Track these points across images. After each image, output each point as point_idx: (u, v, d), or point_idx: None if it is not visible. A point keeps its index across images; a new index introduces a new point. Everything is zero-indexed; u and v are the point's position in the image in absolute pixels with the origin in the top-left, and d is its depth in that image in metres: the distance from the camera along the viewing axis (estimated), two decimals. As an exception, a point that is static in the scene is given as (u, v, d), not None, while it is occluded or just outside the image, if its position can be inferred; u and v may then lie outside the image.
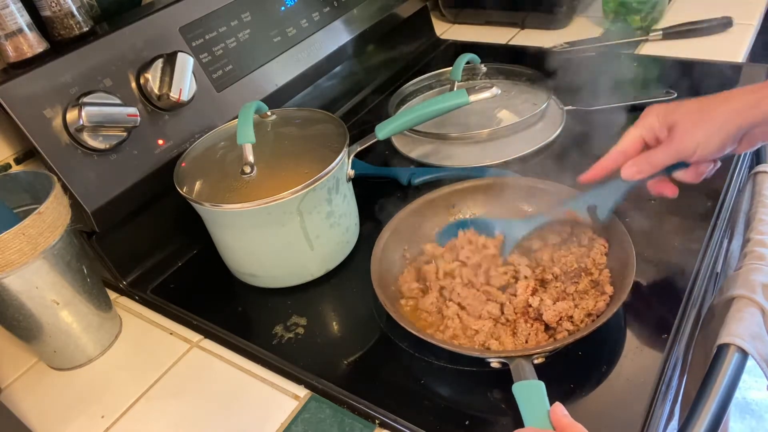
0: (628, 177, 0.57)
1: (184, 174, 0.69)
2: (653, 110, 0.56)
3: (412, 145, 0.91)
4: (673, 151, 0.54)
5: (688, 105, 0.54)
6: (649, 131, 0.56)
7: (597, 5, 1.19)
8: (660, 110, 0.55)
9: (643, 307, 0.61)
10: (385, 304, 0.59)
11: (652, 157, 0.55)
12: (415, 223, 0.71)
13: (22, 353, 0.70)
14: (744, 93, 0.52)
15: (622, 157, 0.57)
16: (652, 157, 0.55)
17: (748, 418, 1.57)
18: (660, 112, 0.55)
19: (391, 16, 1.09)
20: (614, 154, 0.58)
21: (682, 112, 0.54)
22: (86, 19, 0.72)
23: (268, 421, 0.57)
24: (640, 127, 0.56)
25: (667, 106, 0.55)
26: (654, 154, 0.55)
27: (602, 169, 0.58)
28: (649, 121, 0.55)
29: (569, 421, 0.44)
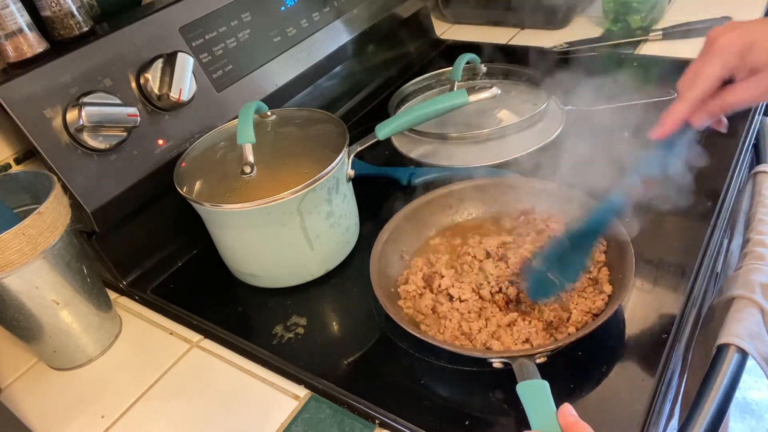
0: (699, 124, 0.51)
1: (184, 174, 0.69)
2: (730, 45, 0.48)
3: (412, 145, 0.91)
4: (756, 96, 0.48)
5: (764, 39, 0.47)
6: (728, 71, 0.49)
7: (597, 5, 1.19)
8: (738, 45, 0.48)
9: (643, 307, 0.61)
10: (385, 304, 0.59)
11: (728, 101, 0.49)
12: (414, 223, 0.71)
13: (22, 353, 0.70)
14: None
15: (699, 104, 0.50)
16: (728, 101, 0.49)
17: (748, 418, 1.57)
18: (739, 48, 0.48)
19: (391, 16, 1.09)
20: (692, 103, 0.50)
21: (764, 52, 0.47)
22: (86, 19, 0.72)
23: (268, 421, 0.57)
24: (719, 67, 0.49)
25: (743, 38, 0.48)
26: (730, 98, 0.49)
27: (680, 119, 0.51)
28: (732, 62, 0.48)
29: (577, 420, 0.44)
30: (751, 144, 0.86)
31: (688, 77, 0.51)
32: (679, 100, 0.51)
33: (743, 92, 0.49)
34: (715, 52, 0.48)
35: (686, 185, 0.58)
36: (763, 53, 0.47)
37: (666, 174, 0.55)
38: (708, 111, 0.50)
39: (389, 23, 1.08)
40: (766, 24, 0.48)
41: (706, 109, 0.50)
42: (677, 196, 0.61)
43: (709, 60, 0.49)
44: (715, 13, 1.06)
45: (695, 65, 0.50)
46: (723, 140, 0.79)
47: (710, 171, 0.74)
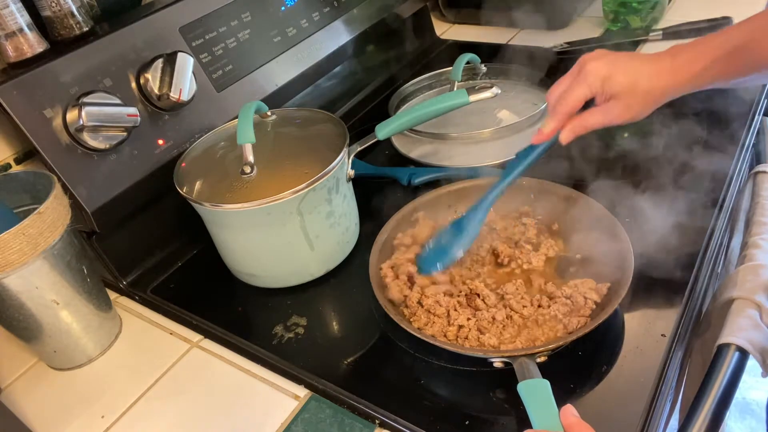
0: (565, 141, 0.60)
1: (184, 174, 0.69)
2: (597, 71, 0.57)
3: (412, 145, 0.91)
4: (608, 121, 0.58)
5: (625, 75, 0.56)
6: (592, 93, 0.58)
7: (597, 5, 1.19)
8: (603, 72, 0.57)
9: (643, 307, 0.61)
10: (385, 305, 0.59)
11: (589, 122, 0.59)
12: (410, 224, 0.71)
13: (22, 353, 0.70)
14: (673, 72, 0.56)
15: (567, 118, 0.59)
16: (589, 122, 0.59)
17: (748, 418, 1.57)
18: (603, 75, 0.57)
19: (391, 16, 1.09)
20: (563, 117, 0.59)
21: (621, 84, 0.56)
22: (86, 19, 0.72)
23: (268, 421, 0.57)
24: (586, 89, 0.57)
25: (606, 67, 0.57)
26: (590, 120, 0.59)
27: (553, 131, 0.60)
28: (595, 85, 0.57)
29: (579, 421, 0.44)
30: (751, 144, 0.86)
31: (556, 92, 0.60)
32: (552, 115, 0.60)
33: (599, 116, 0.58)
34: (584, 76, 0.57)
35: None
36: (617, 85, 0.56)
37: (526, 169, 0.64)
38: (572, 128, 0.59)
39: (389, 23, 1.08)
40: (628, 59, 0.57)
41: (572, 127, 0.59)
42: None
43: (578, 84, 0.58)
44: (715, 13, 1.06)
45: (565, 83, 0.60)
46: (723, 140, 0.79)
47: (710, 171, 0.74)
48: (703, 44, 0.56)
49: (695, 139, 0.80)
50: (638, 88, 0.56)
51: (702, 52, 0.55)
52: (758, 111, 0.86)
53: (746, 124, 0.81)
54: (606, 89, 0.57)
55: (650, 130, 0.83)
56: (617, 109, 0.57)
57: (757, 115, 0.86)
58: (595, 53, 0.59)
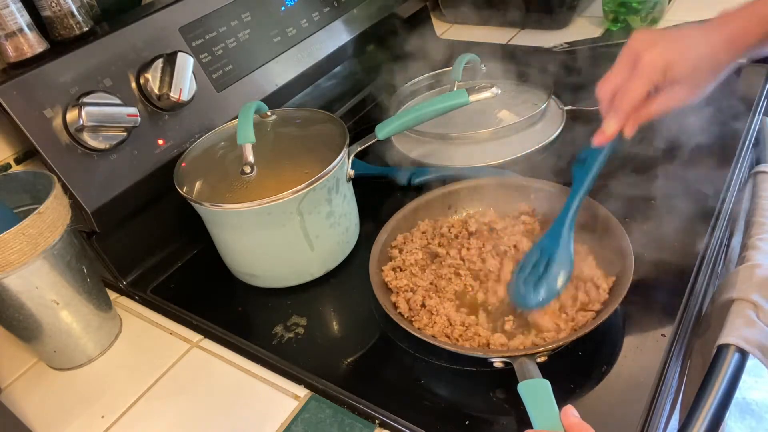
0: (631, 134, 0.58)
1: (184, 174, 0.69)
2: (655, 64, 0.54)
3: (412, 145, 0.91)
4: (674, 106, 0.56)
5: (685, 61, 0.54)
6: (653, 87, 0.55)
7: (597, 5, 1.19)
8: (661, 63, 0.54)
9: (643, 307, 0.61)
10: (385, 305, 0.59)
11: (654, 110, 0.56)
12: (410, 224, 0.71)
13: (22, 353, 0.70)
14: (723, 27, 0.55)
15: (630, 114, 0.57)
16: (654, 110, 0.56)
17: (748, 418, 1.57)
18: (663, 67, 0.54)
19: (391, 16, 1.09)
20: (624, 114, 0.57)
21: (682, 70, 0.54)
22: (86, 19, 0.72)
23: (268, 421, 0.57)
24: (648, 83, 0.55)
25: (665, 56, 0.54)
26: (653, 109, 0.56)
27: (617, 131, 0.58)
28: (657, 79, 0.55)
29: (580, 421, 0.44)
30: (751, 144, 0.86)
31: (609, 88, 0.57)
32: (614, 113, 0.57)
33: (663, 103, 0.56)
34: (642, 70, 0.55)
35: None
36: (681, 70, 0.54)
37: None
38: (637, 121, 0.57)
39: (389, 23, 1.08)
40: (682, 40, 0.55)
41: (635, 119, 0.57)
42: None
43: (637, 78, 0.55)
44: (715, 13, 1.06)
45: (619, 77, 0.56)
46: (723, 140, 0.79)
47: (710, 171, 0.74)
48: (753, 10, 0.54)
49: (695, 138, 0.80)
50: (701, 70, 0.54)
51: (755, 20, 0.53)
52: (758, 111, 0.86)
53: (746, 124, 0.81)
54: (669, 78, 0.54)
55: (650, 130, 0.83)
56: (682, 94, 0.55)
57: (757, 115, 0.86)
58: (644, 39, 0.55)
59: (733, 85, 0.90)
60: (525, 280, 0.60)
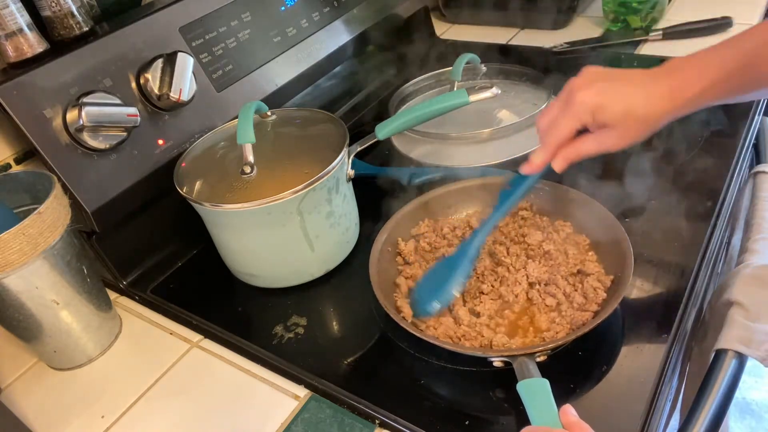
0: (559, 170, 0.58)
1: (184, 174, 0.69)
2: (585, 103, 0.54)
3: (412, 145, 0.91)
4: (603, 149, 0.55)
5: (619, 102, 0.53)
6: (581, 125, 0.55)
7: (597, 5, 1.19)
8: (590, 105, 0.53)
9: (643, 307, 0.61)
10: (384, 305, 0.59)
11: (581, 151, 0.56)
12: (410, 224, 0.71)
13: (22, 353, 0.70)
14: (669, 97, 0.52)
15: (558, 148, 0.57)
16: (581, 151, 0.56)
17: (748, 418, 1.57)
18: (594, 108, 0.53)
19: (391, 16, 1.09)
20: (552, 148, 0.57)
21: (614, 113, 0.53)
22: (86, 19, 0.72)
23: (268, 421, 0.57)
24: (576, 121, 0.55)
25: (597, 98, 0.53)
26: (583, 148, 0.56)
27: (544, 163, 0.59)
28: (585, 116, 0.54)
29: (578, 420, 0.44)
30: (751, 144, 0.86)
31: (545, 121, 0.58)
32: (543, 146, 0.58)
33: (592, 144, 0.56)
34: (572, 108, 0.55)
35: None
36: (609, 115, 0.53)
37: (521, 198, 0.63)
38: (565, 157, 0.57)
39: (389, 23, 1.08)
40: (620, 84, 0.53)
41: (564, 156, 0.57)
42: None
43: (567, 116, 0.55)
44: (715, 13, 1.06)
45: (553, 112, 0.57)
46: (723, 140, 0.79)
47: (710, 171, 0.74)
48: (701, 62, 0.52)
49: (695, 138, 0.80)
50: (632, 117, 0.52)
51: (701, 71, 0.51)
52: (758, 111, 0.86)
53: (746, 124, 0.81)
54: (598, 119, 0.54)
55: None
56: (611, 139, 0.54)
57: (757, 115, 0.86)
58: (583, 78, 0.55)
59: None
60: (421, 287, 0.62)
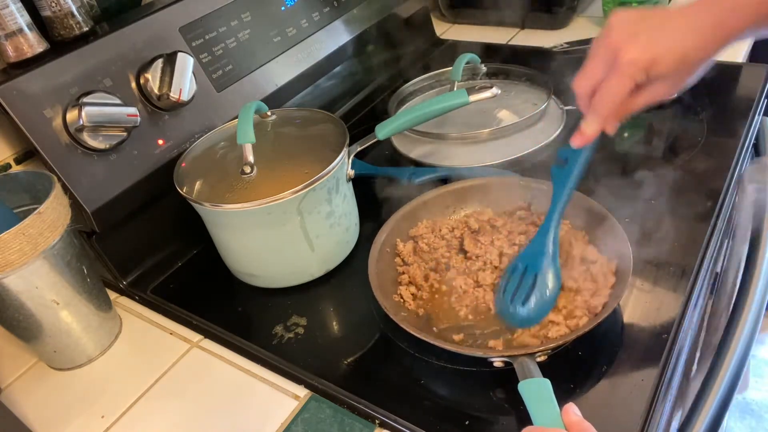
0: (613, 132, 0.54)
1: (184, 174, 0.69)
2: (638, 62, 0.48)
3: (412, 145, 0.91)
4: (656, 100, 0.51)
5: (669, 59, 0.48)
6: (635, 85, 0.50)
7: (597, 5, 1.19)
8: (644, 62, 0.48)
9: (643, 307, 0.61)
10: (384, 305, 0.59)
11: (634, 106, 0.52)
12: (409, 224, 0.71)
13: (22, 353, 0.70)
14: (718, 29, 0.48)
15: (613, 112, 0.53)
16: (634, 106, 0.52)
17: (748, 418, 1.57)
18: (645, 66, 0.49)
19: (391, 16, 1.09)
20: (605, 115, 0.52)
21: (669, 69, 0.49)
22: (86, 19, 0.72)
23: (268, 421, 0.57)
24: (630, 83, 0.50)
25: (649, 60, 0.48)
26: (636, 103, 0.52)
27: (598, 132, 0.54)
28: (640, 77, 0.49)
29: (581, 420, 0.44)
30: (751, 144, 0.86)
31: (588, 85, 0.52)
32: (595, 114, 0.52)
33: (644, 99, 0.51)
34: (624, 70, 0.49)
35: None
36: (666, 68, 0.48)
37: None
38: (617, 118, 0.52)
39: (389, 23, 1.08)
40: (667, 26, 0.48)
41: (615, 117, 0.52)
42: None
43: (619, 78, 0.50)
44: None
45: (598, 73, 0.51)
46: (723, 140, 0.79)
47: (710, 171, 0.74)
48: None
49: (695, 138, 0.80)
50: (688, 64, 0.49)
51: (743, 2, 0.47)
52: (758, 111, 0.86)
53: (746, 124, 0.81)
54: (652, 75, 0.49)
55: (650, 130, 0.83)
56: (665, 88, 0.50)
57: (757, 115, 0.86)
58: (620, 31, 0.49)
59: (734, 86, 0.90)
60: (513, 298, 0.58)
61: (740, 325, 0.68)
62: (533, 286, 0.58)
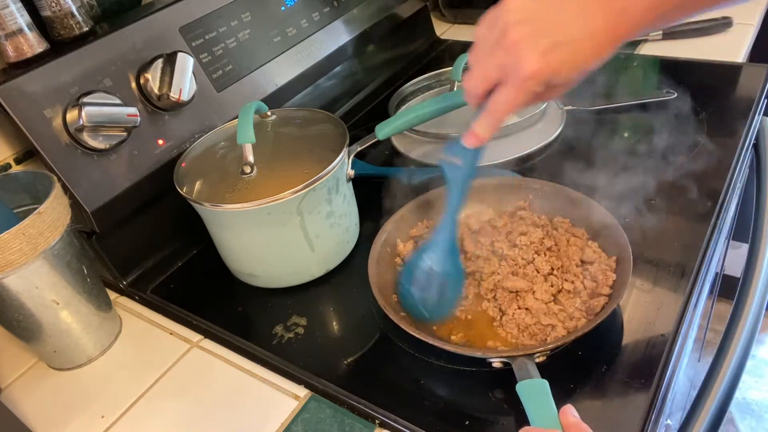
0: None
1: (184, 174, 0.69)
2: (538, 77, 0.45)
3: (412, 145, 0.91)
4: (548, 100, 0.51)
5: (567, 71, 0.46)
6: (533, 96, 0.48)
7: (597, 5, 1.18)
8: (544, 77, 0.46)
9: (643, 307, 0.61)
10: (384, 306, 0.59)
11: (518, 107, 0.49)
12: (409, 224, 0.71)
13: (22, 353, 0.70)
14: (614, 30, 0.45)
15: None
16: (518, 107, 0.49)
17: (748, 418, 1.57)
18: (545, 80, 0.46)
19: (391, 16, 1.09)
20: (502, 119, 0.50)
21: (566, 80, 0.47)
22: (86, 19, 0.72)
23: (268, 421, 0.57)
24: (527, 97, 0.47)
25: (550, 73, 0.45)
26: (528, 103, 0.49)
27: (494, 131, 0.52)
28: (538, 91, 0.47)
29: (578, 421, 0.44)
30: (751, 144, 0.86)
31: (482, 86, 0.49)
32: (489, 118, 0.50)
33: (540, 99, 0.50)
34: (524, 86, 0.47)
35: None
36: (562, 80, 0.47)
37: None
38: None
39: (389, 23, 1.08)
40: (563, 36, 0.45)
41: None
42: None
43: (519, 92, 0.47)
44: (715, 13, 1.06)
45: (493, 76, 0.48)
46: (723, 140, 0.79)
47: (710, 171, 0.74)
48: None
49: (695, 138, 0.80)
50: (584, 72, 0.46)
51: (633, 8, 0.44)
52: (758, 111, 0.86)
53: (746, 124, 0.81)
54: (551, 85, 0.47)
55: (650, 130, 0.83)
56: (555, 94, 0.50)
57: (757, 115, 0.86)
58: (518, 22, 0.45)
59: (734, 86, 0.90)
60: (422, 300, 0.61)
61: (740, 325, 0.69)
62: (442, 291, 0.61)
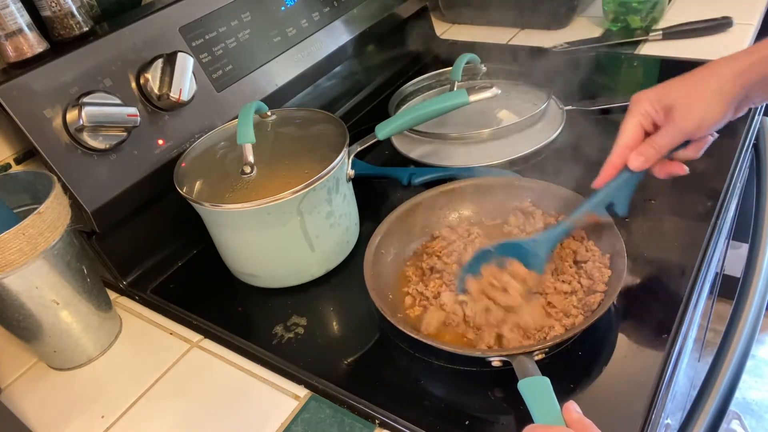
0: (637, 168, 0.57)
1: (184, 174, 0.69)
2: (644, 96, 0.55)
3: (412, 145, 0.91)
4: (678, 132, 0.55)
5: (679, 85, 0.54)
6: (646, 118, 0.56)
7: (597, 5, 1.19)
8: (651, 95, 0.55)
9: (643, 307, 0.61)
10: (381, 307, 0.59)
11: (657, 142, 0.56)
12: (406, 225, 0.71)
13: (22, 353, 0.70)
14: (731, 61, 0.53)
15: (627, 150, 0.57)
16: (657, 142, 0.56)
17: (748, 418, 1.57)
18: (652, 97, 0.55)
19: (391, 16, 1.09)
20: (619, 150, 0.57)
21: (676, 93, 0.54)
22: (86, 19, 0.72)
23: (268, 421, 0.57)
24: (637, 116, 0.56)
25: (656, 90, 0.55)
26: (658, 139, 0.56)
27: (613, 168, 0.58)
28: (643, 107, 0.55)
29: (582, 417, 0.44)
30: (751, 144, 0.86)
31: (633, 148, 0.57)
32: (612, 152, 0.58)
33: (663, 137, 0.56)
34: (633, 106, 0.56)
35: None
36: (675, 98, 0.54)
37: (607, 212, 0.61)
38: (640, 153, 0.56)
39: (389, 23, 1.08)
40: (681, 82, 0.54)
41: (639, 152, 0.56)
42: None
43: (630, 113, 0.56)
44: (715, 13, 1.07)
45: (624, 122, 0.57)
46: (723, 140, 0.79)
47: (710, 171, 0.74)
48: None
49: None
50: (696, 83, 0.54)
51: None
52: (758, 111, 0.86)
53: (746, 124, 0.81)
54: (661, 104, 0.55)
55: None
56: (678, 114, 0.55)
57: (757, 115, 0.87)
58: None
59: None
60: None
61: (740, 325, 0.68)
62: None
